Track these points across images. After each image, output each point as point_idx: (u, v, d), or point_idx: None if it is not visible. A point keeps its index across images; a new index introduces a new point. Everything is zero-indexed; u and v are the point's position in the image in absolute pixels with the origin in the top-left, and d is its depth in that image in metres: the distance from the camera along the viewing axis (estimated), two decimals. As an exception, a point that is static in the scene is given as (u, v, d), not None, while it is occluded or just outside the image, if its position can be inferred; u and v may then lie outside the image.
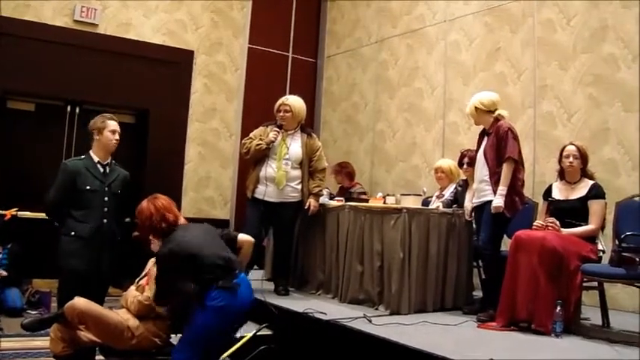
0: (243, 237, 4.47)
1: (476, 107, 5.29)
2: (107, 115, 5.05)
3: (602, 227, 5.00)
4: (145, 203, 4.23)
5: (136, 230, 4.37)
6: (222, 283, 3.89)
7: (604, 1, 6.32)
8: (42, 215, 6.62)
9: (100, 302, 4.50)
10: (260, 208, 5.98)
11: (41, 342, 4.91)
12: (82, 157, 4.92)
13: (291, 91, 9.37)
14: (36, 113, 8.32)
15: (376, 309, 5.37)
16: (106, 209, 4.84)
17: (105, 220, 4.79)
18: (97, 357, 4.31)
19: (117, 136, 4.96)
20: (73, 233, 4.71)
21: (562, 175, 5.22)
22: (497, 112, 5.25)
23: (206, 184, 9.47)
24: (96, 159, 4.89)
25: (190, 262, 3.92)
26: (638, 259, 4.35)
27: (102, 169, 4.89)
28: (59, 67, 8.06)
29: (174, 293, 4.05)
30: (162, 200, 4.24)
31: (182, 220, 4.31)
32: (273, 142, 5.93)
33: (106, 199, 4.86)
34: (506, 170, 5.03)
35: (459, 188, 6.25)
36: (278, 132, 5.96)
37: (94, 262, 4.71)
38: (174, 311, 4.14)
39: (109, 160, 4.96)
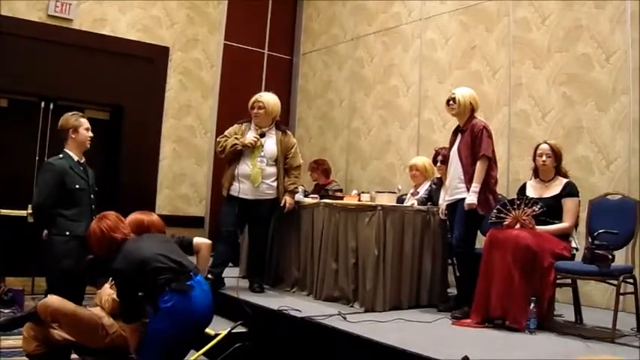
0: (199, 240, 4.46)
1: (471, 102, 5.27)
2: (77, 112, 5.03)
3: (576, 225, 5.04)
4: (92, 226, 4.12)
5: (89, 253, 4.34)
6: (174, 285, 3.85)
7: (578, 1, 6.38)
8: (15, 212, 6.58)
9: (80, 300, 4.47)
10: (235, 205, 5.94)
11: (14, 341, 4.84)
12: (61, 156, 4.87)
13: (266, 88, 9.33)
14: (9, 109, 8.17)
15: (351, 306, 5.38)
16: (93, 207, 4.85)
17: (94, 218, 4.76)
18: (72, 356, 4.27)
19: (90, 134, 4.95)
20: (67, 233, 4.68)
21: (536, 173, 5.25)
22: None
23: (181, 181, 9.40)
24: (75, 157, 4.86)
25: (141, 268, 3.85)
26: (610, 257, 4.42)
27: (82, 167, 4.87)
28: (33, 62, 7.92)
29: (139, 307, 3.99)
30: (109, 220, 4.11)
31: (146, 222, 4.32)
32: (248, 147, 5.91)
33: (92, 196, 4.89)
34: (480, 168, 5.05)
35: (434, 186, 6.27)
36: (257, 139, 5.91)
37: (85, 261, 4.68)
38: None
39: (84, 159, 4.94)
